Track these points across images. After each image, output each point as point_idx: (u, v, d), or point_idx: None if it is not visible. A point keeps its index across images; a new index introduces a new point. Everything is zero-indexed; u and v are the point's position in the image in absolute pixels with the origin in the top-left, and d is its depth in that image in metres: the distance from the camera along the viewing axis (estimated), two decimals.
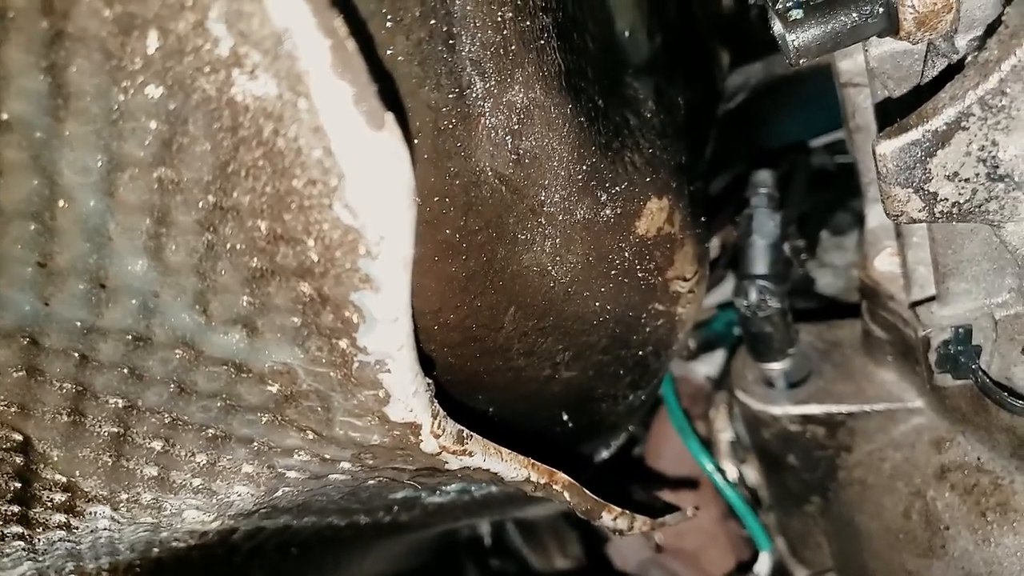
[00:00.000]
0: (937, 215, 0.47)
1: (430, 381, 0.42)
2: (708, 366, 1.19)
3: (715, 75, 0.94)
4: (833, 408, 0.85)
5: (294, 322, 0.38)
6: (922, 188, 0.46)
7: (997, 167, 0.45)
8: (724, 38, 0.98)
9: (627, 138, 0.57)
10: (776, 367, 0.88)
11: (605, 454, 0.82)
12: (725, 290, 1.16)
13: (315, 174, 0.32)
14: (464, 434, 0.45)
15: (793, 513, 0.97)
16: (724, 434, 1.12)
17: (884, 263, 0.79)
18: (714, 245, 1.11)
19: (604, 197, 0.54)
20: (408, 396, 0.40)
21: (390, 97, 0.30)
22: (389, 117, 0.30)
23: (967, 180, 0.46)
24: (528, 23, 0.47)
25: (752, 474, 1.08)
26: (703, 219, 0.71)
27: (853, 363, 0.87)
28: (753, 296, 0.84)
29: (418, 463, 0.46)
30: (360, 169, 0.31)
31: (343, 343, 0.38)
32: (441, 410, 0.43)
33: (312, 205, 0.33)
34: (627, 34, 0.63)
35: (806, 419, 0.86)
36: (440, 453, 0.44)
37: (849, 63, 0.71)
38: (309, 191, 0.32)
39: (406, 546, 1.02)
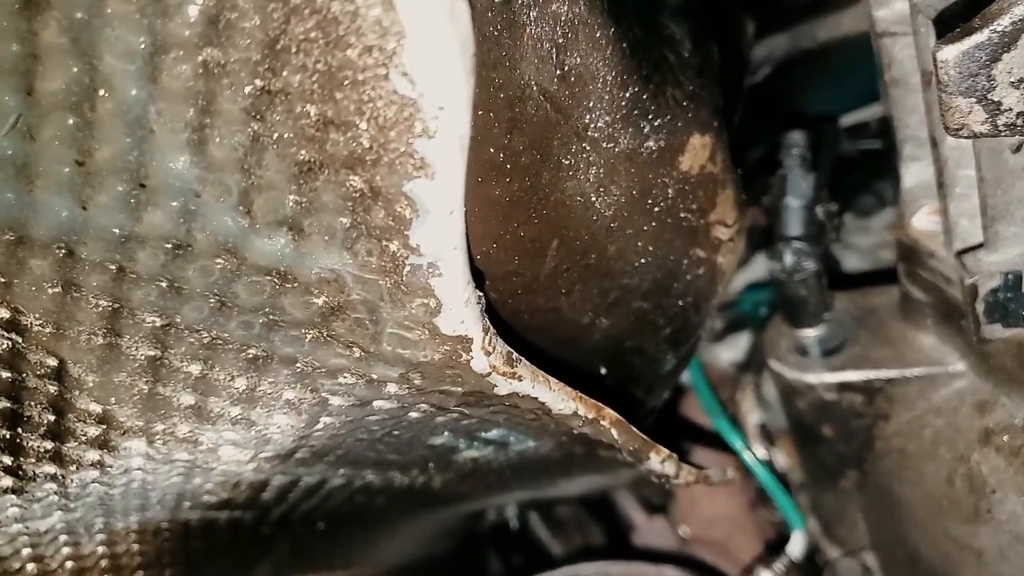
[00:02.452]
0: (1000, 128, 0.46)
1: (481, 294, 0.41)
2: (733, 351, 1.18)
3: (741, 42, 0.93)
4: (871, 374, 0.83)
5: (343, 222, 0.36)
6: (985, 97, 0.44)
7: None
8: (749, 6, 0.97)
9: (667, 73, 0.56)
10: (811, 333, 0.86)
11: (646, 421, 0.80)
12: (752, 271, 1.14)
13: (371, 38, 0.30)
14: (514, 356, 0.44)
15: (827, 489, 0.95)
16: (751, 417, 1.10)
17: (922, 221, 0.78)
18: None
19: (647, 128, 0.53)
20: (460, 305, 0.38)
21: None
22: None
23: None
24: None
25: (781, 458, 1.06)
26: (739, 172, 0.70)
27: (890, 328, 0.85)
28: (788, 258, 0.83)
29: (466, 385, 0.44)
30: (422, 24, 0.29)
31: (394, 244, 0.36)
32: (492, 327, 0.42)
33: (367, 79, 0.31)
34: None
35: (843, 387, 0.84)
36: (490, 374, 0.42)
37: (886, 11, 0.69)
38: (364, 61, 0.31)
39: (433, 528, 1.01)
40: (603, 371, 0.64)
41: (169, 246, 0.38)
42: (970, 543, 0.75)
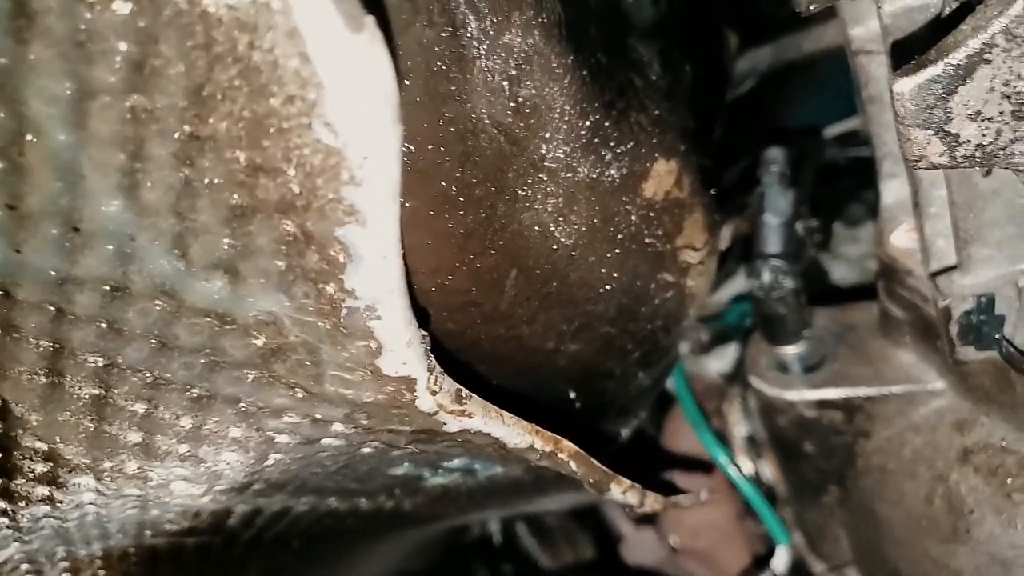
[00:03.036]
0: (959, 159, 0.45)
1: (425, 333, 0.40)
2: (720, 362, 1.17)
3: (723, 55, 0.92)
4: (850, 392, 0.82)
5: (278, 265, 0.36)
6: (943, 129, 0.44)
7: (1023, 103, 0.43)
8: (732, 19, 0.96)
9: (632, 98, 0.55)
10: (791, 351, 0.86)
11: (615, 443, 0.79)
12: (737, 284, 1.14)
13: (292, 89, 0.30)
14: (463, 393, 0.43)
15: (810, 505, 0.95)
16: (738, 428, 1.10)
17: (901, 239, 0.77)
18: (724, 237, 1.09)
19: (609, 156, 0.52)
20: (401, 346, 0.38)
21: (370, 2, 0.28)
22: (369, 20, 0.28)
23: (991, 119, 0.44)
24: None
25: (768, 470, 1.06)
26: (712, 192, 0.69)
27: (870, 346, 0.84)
28: (766, 276, 0.82)
29: (415, 424, 0.43)
30: (339, 77, 0.29)
31: (330, 287, 0.36)
32: (437, 365, 0.41)
33: (291, 127, 0.31)
34: None
35: (822, 404, 0.83)
36: (437, 412, 0.42)
37: (861, 30, 0.69)
38: (287, 110, 0.30)
39: (413, 544, 1.00)
40: (572, 395, 0.64)
41: (107, 288, 0.38)
42: (948, 563, 0.75)
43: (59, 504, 0.48)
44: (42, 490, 0.47)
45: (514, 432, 0.48)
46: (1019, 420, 0.69)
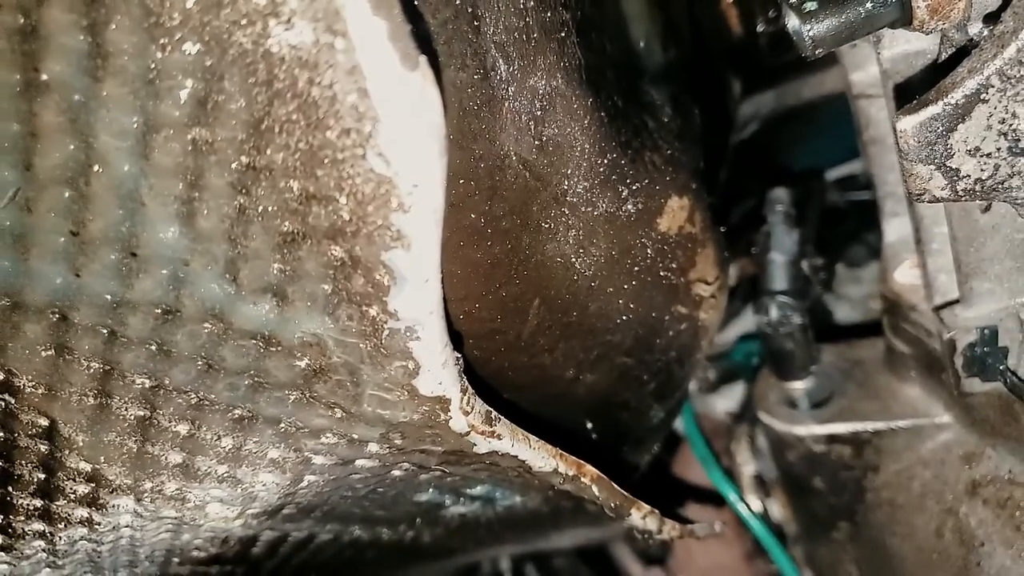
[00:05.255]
0: (960, 193, 0.47)
1: (459, 355, 0.42)
2: (727, 401, 1.18)
3: (727, 99, 0.96)
4: (858, 426, 0.83)
5: (324, 289, 0.38)
6: (944, 164, 0.46)
7: (1018, 140, 0.45)
8: (735, 66, 1.00)
9: (646, 139, 0.58)
10: (799, 386, 0.87)
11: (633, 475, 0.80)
12: (744, 323, 1.15)
13: (349, 122, 0.32)
14: (493, 415, 0.45)
15: (821, 541, 0.95)
16: (747, 467, 1.10)
17: (904, 275, 0.79)
18: (731, 276, 1.11)
19: (625, 192, 0.55)
20: (437, 367, 0.40)
21: (422, 44, 0.31)
22: (423, 59, 0.31)
23: (989, 155, 0.46)
24: (549, 14, 0.48)
25: (777, 509, 1.06)
26: (722, 230, 0.71)
27: (876, 381, 0.86)
28: (774, 313, 0.84)
29: (446, 444, 0.45)
30: (395, 111, 0.31)
31: (373, 310, 0.38)
32: (470, 387, 0.43)
33: (345, 158, 0.33)
34: (642, 43, 0.64)
35: (831, 439, 0.84)
36: (469, 433, 0.44)
37: (861, 74, 0.72)
38: (343, 142, 0.33)
39: None
40: (589, 425, 0.65)
41: (159, 311, 0.40)
42: None
43: (97, 526, 0.49)
44: (82, 512, 0.48)
45: (539, 455, 0.49)
46: None
